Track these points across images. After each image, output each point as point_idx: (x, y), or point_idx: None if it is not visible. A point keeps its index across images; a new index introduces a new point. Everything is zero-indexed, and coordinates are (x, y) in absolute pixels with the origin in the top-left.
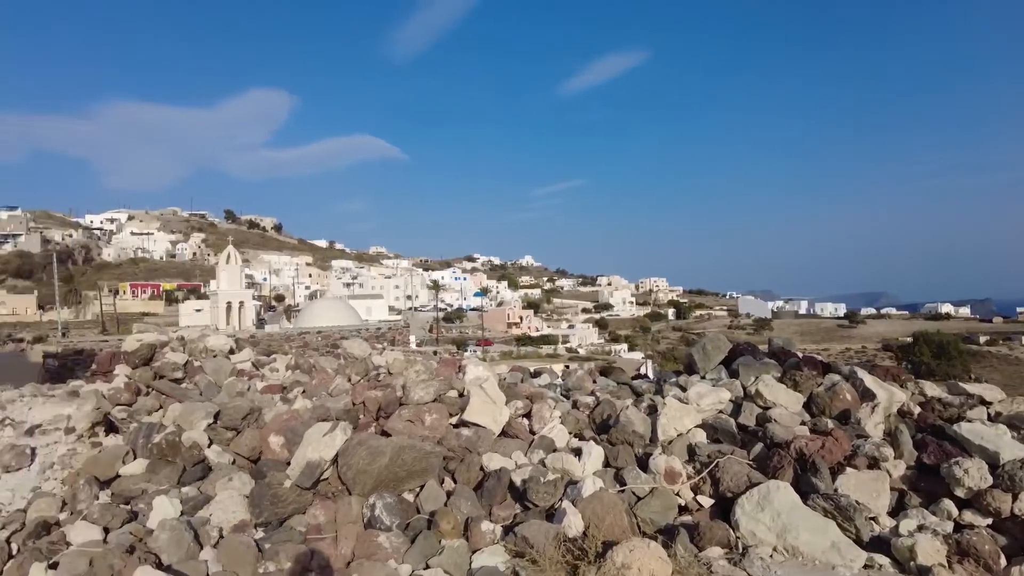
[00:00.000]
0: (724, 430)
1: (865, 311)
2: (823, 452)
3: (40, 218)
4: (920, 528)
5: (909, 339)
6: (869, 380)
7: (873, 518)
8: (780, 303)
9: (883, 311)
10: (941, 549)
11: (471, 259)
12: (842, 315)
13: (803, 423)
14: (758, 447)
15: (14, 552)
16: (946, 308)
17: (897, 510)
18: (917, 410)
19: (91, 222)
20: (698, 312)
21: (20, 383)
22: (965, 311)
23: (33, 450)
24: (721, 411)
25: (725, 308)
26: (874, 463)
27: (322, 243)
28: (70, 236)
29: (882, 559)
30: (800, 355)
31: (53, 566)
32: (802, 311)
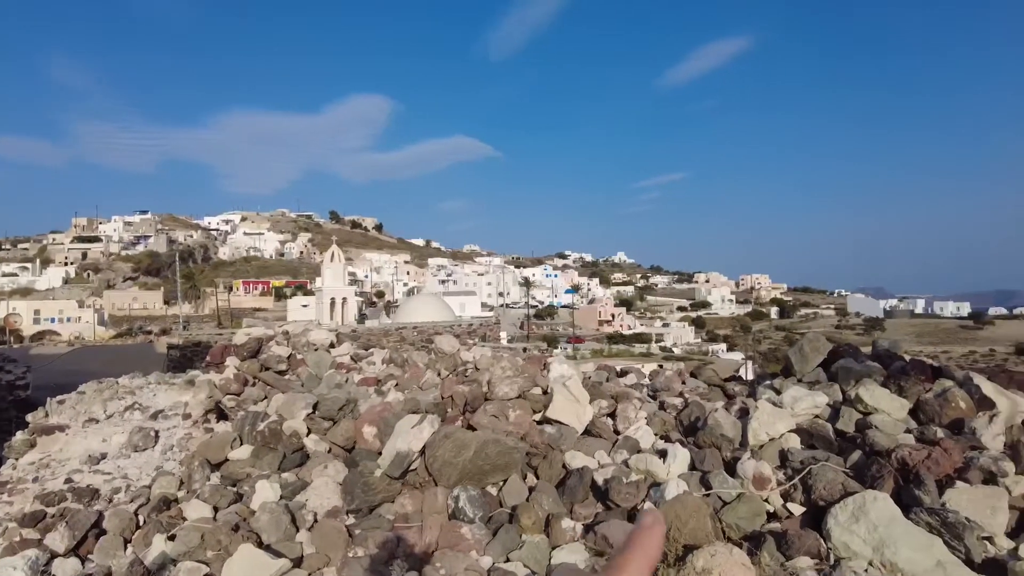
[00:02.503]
0: (820, 436)
1: (994, 311)
2: (929, 463)
3: (166, 221)
4: None
5: None
6: (988, 387)
7: (988, 538)
8: (894, 301)
9: (1016, 311)
10: None
11: (562, 256)
12: (966, 315)
13: (908, 431)
14: (856, 455)
15: (141, 523)
16: None
17: (1017, 531)
18: None
19: (209, 223)
20: (803, 311)
21: (148, 370)
22: None
23: (157, 433)
24: (817, 416)
25: (833, 307)
26: (991, 478)
27: (419, 242)
28: (191, 237)
29: None
30: (907, 358)
31: (171, 538)
32: (919, 310)
